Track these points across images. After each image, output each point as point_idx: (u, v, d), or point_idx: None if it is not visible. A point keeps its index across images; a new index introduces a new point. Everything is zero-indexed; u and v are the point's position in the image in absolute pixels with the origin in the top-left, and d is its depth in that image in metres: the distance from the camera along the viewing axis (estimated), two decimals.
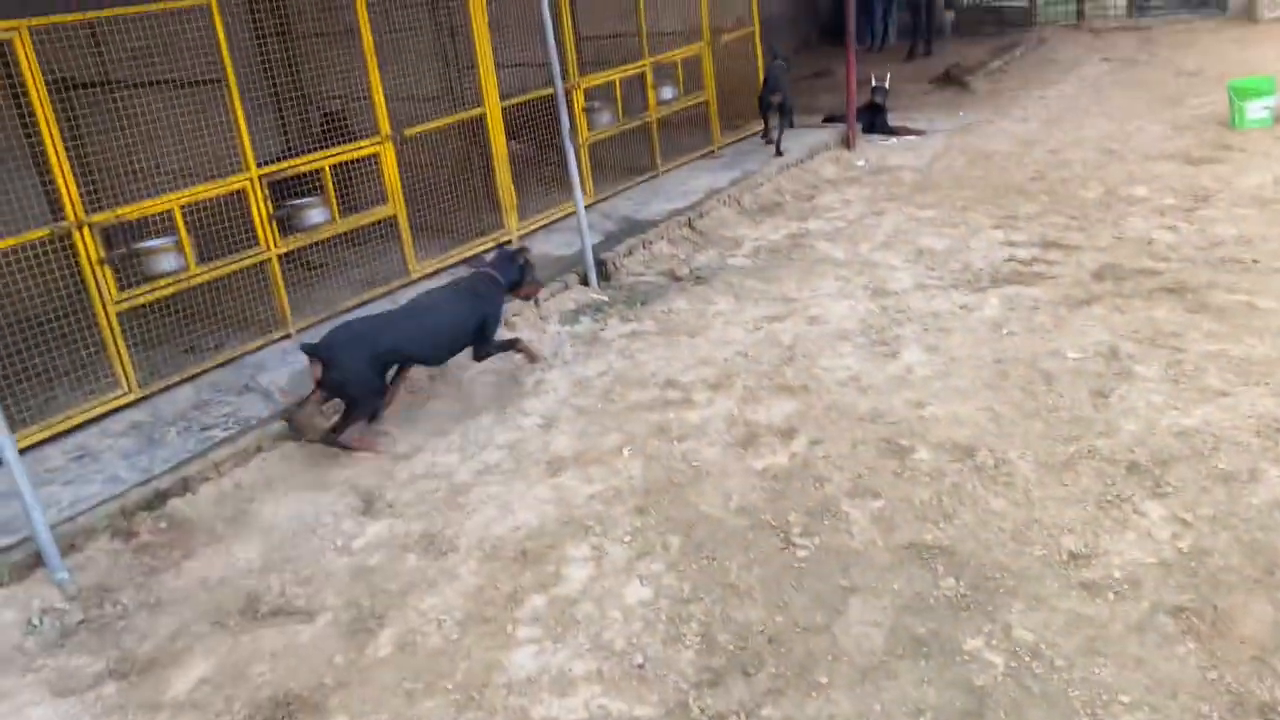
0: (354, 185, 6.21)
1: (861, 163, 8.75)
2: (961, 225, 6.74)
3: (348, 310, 6.04)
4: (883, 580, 3.36)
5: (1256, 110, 7.98)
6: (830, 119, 9.85)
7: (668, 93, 8.77)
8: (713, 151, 9.20)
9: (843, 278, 6.14)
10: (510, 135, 7.12)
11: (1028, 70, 11.86)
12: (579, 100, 7.68)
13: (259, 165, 5.59)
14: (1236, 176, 6.92)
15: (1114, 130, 8.64)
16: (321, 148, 6.02)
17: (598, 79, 8.02)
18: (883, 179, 8.17)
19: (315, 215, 6.09)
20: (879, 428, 4.33)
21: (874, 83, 9.66)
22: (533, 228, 7.38)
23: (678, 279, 6.55)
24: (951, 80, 11.18)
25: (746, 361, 5.16)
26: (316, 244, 6.09)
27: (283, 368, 5.44)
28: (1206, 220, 6.20)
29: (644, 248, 7.03)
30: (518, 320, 5.87)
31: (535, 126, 7.29)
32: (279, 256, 5.75)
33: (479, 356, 5.10)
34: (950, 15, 15.16)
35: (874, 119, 9.59)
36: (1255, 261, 5.50)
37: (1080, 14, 14.35)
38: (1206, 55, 11.19)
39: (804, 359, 5.10)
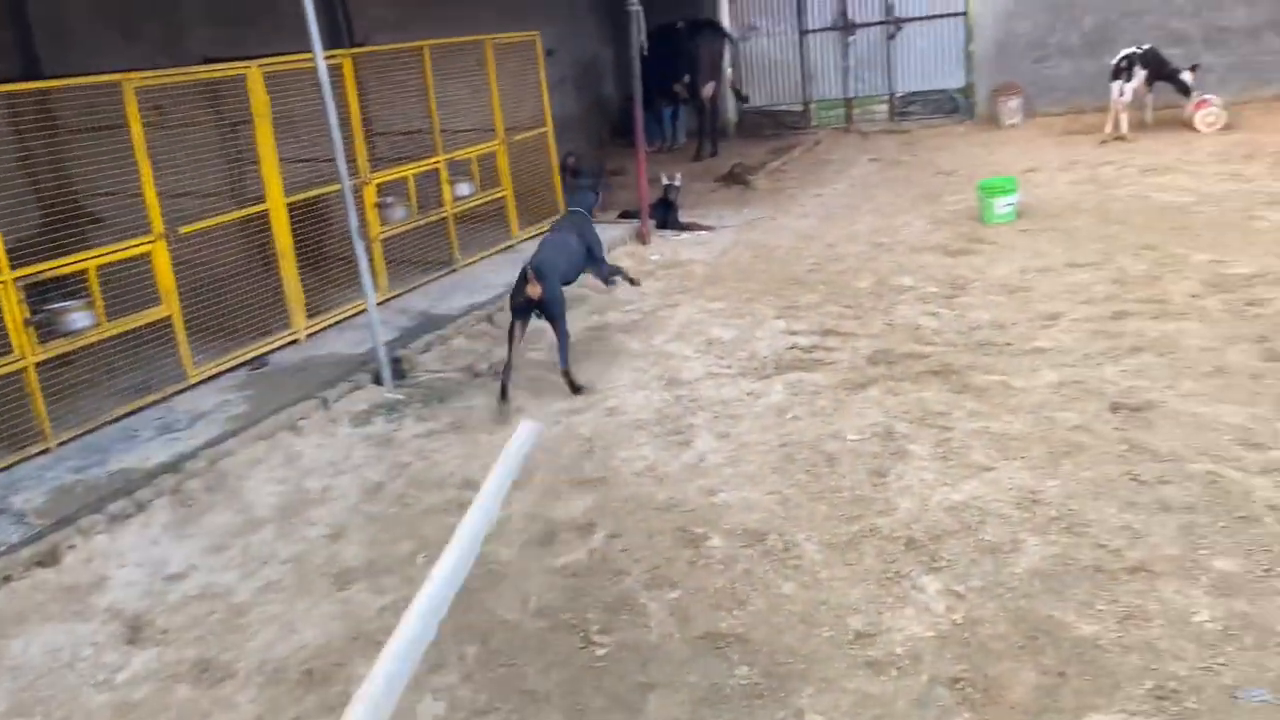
0: (124, 286, 5.85)
1: (656, 257, 9.04)
2: (748, 316, 7.04)
3: (115, 420, 5.61)
4: (680, 673, 3.35)
5: (1002, 207, 8.82)
6: (625, 215, 10.15)
7: (464, 189, 8.82)
8: (511, 245, 9.28)
9: (638, 369, 6.26)
10: (298, 231, 6.93)
11: (805, 170, 12.69)
12: (370, 196, 7.58)
13: (12, 266, 5.17)
14: (988, 267, 7.58)
15: (882, 225, 9.32)
16: (86, 247, 5.65)
17: (390, 175, 7.97)
18: (675, 272, 8.46)
19: (79, 319, 5.68)
20: (675, 517, 4.38)
21: (665, 180, 10.06)
22: (322, 326, 7.16)
23: (477, 375, 6.48)
24: (736, 179, 11.80)
25: (546, 456, 5.13)
26: (82, 350, 5.67)
27: (39, 486, 4.97)
28: (965, 307, 6.74)
29: (441, 344, 6.94)
30: (304, 424, 5.63)
31: (324, 222, 7.13)
32: (36, 364, 5.30)
33: (601, 277, 6.72)
34: (733, 118, 16.09)
35: (666, 215, 9.96)
36: (1008, 344, 6.00)
37: (849, 118, 15.57)
38: (959, 156, 12.33)
39: (602, 451, 5.13)
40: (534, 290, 5.80)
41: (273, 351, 6.74)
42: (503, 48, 9.20)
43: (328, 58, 6.10)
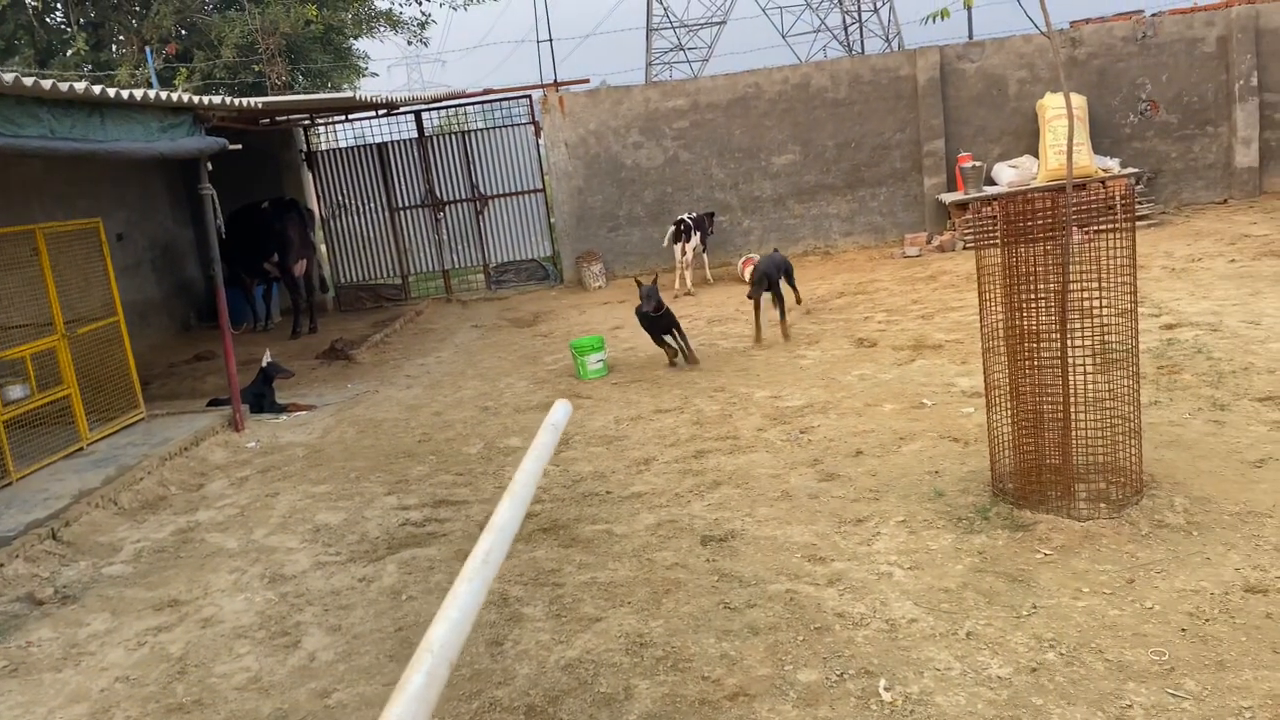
0: None
1: (252, 444, 8.54)
2: (356, 496, 6.84)
3: None
4: None
5: (594, 363, 9.47)
6: (215, 402, 9.54)
7: (17, 391, 7.84)
8: (82, 448, 8.31)
9: (237, 569, 5.80)
10: None
11: (408, 340, 12.80)
12: None
13: None
14: (587, 420, 8.04)
15: (488, 389, 9.60)
16: None
17: None
18: (275, 458, 8.04)
19: None
20: None
21: (264, 362, 9.65)
22: None
23: (39, 603, 5.63)
24: (337, 355, 11.61)
25: (128, 687, 4.54)
26: None
27: None
28: (568, 460, 7.06)
29: None
30: None
31: None
32: None
33: None
34: (330, 293, 15.93)
35: (262, 398, 9.50)
36: (609, 493, 6.35)
37: (449, 288, 16.04)
38: (554, 319, 13.12)
39: (197, 669, 4.64)
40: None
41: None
42: (60, 236, 8.45)
43: None
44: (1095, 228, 5.35)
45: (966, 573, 4.70)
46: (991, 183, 14.69)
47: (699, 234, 13.62)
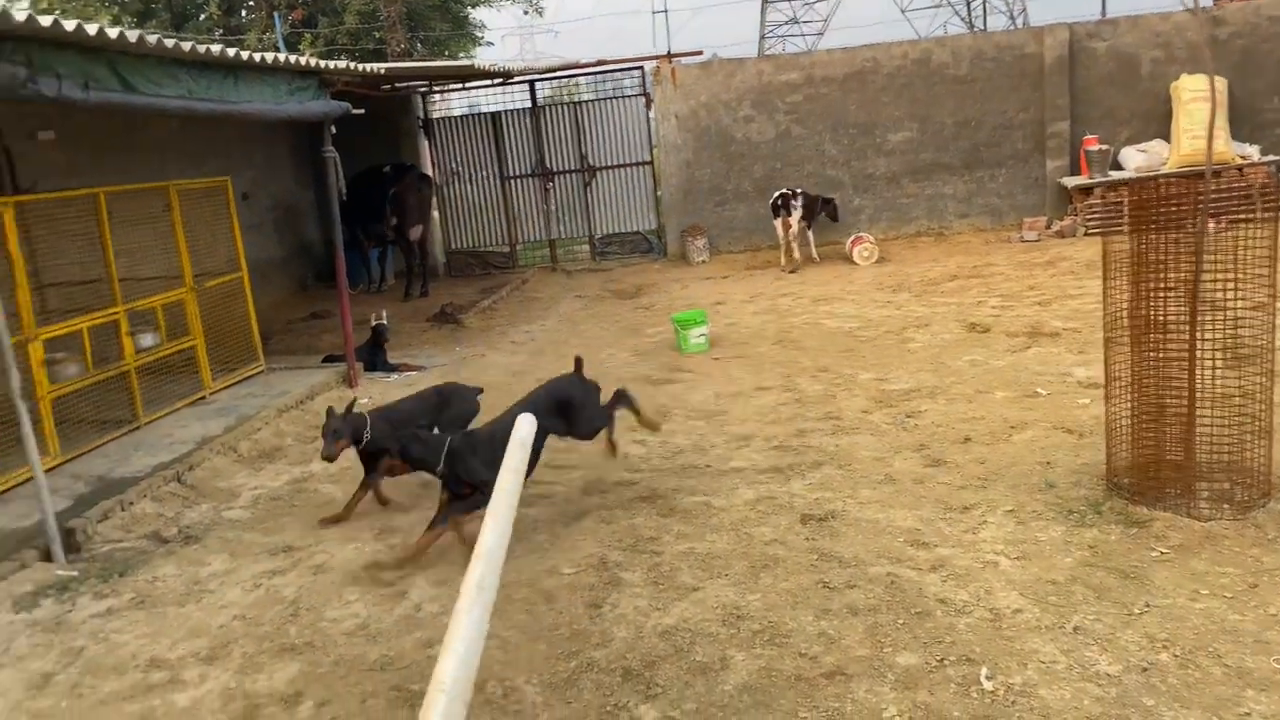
0: None
1: (365, 400, 8.81)
2: None
3: None
4: None
5: (695, 337, 9.47)
6: (330, 359, 9.88)
7: (148, 339, 8.25)
8: (204, 397, 8.72)
9: (346, 520, 6.01)
10: None
11: (514, 307, 13.01)
12: (36, 353, 6.91)
13: None
14: (687, 394, 8.06)
15: (589, 358, 9.65)
16: None
17: (60, 329, 7.32)
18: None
19: None
20: (389, 676, 4.19)
21: (374, 321, 9.94)
22: None
23: (165, 541, 5.95)
24: (447, 318, 11.87)
25: (245, 625, 4.77)
26: None
27: None
28: (667, 433, 7.09)
29: (123, 509, 6.32)
30: None
31: None
32: None
33: None
34: (442, 258, 16.29)
35: (375, 357, 9.79)
36: (708, 466, 6.37)
37: (554, 258, 16.22)
38: (656, 292, 13.15)
39: (309, 613, 4.84)
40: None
41: None
42: (191, 193, 8.84)
43: None
44: (1232, 217, 5.09)
45: (1076, 566, 4.56)
46: (1118, 167, 14.09)
47: (802, 208, 13.43)
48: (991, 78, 14.57)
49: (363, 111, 9.25)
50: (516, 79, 15.37)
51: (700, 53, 15.59)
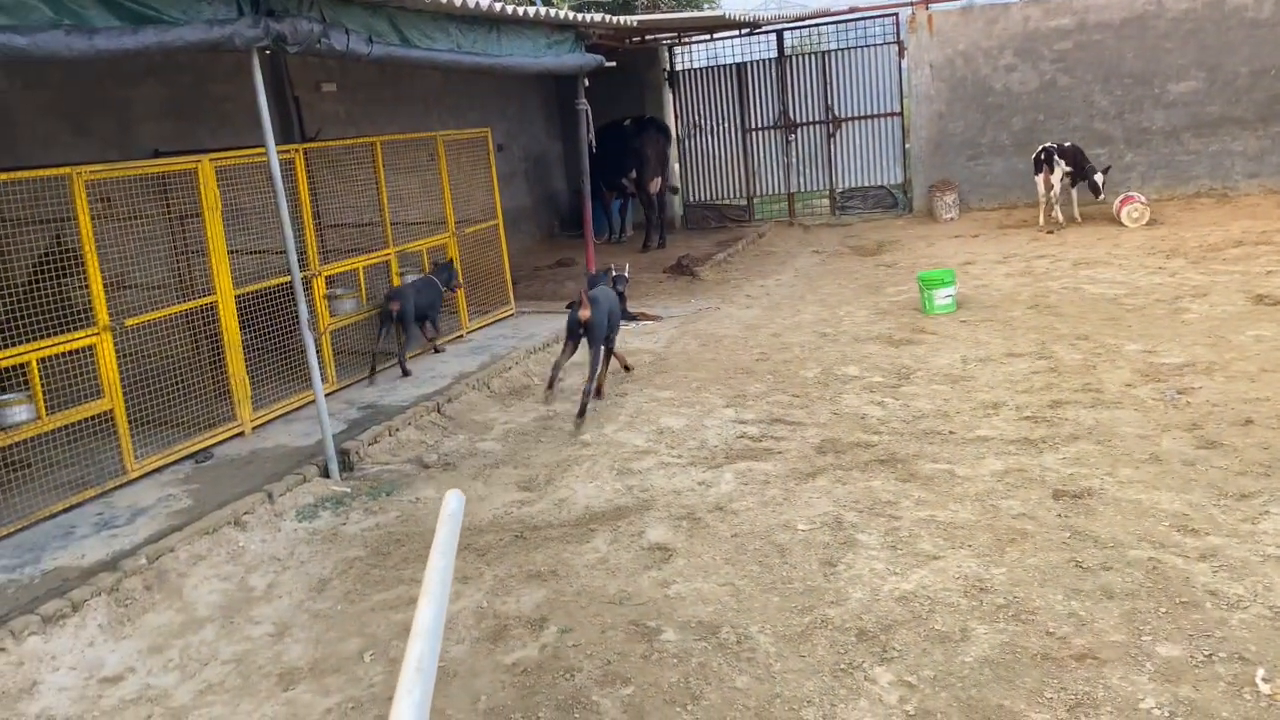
0: (66, 379, 5.75)
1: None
2: (697, 405, 7.11)
3: (52, 516, 5.47)
4: None
5: (942, 298, 9.09)
6: (573, 305, 10.23)
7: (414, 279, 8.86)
8: (461, 336, 9.30)
9: (589, 457, 6.26)
10: (246, 323, 6.90)
11: (749, 262, 12.97)
12: (319, 288, 7.59)
13: None
14: (931, 356, 7.77)
15: (827, 315, 9.53)
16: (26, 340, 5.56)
17: (340, 267, 8.00)
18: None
19: (18, 413, 5.57)
20: (627, 610, 4.35)
21: (614, 271, 10.20)
22: (269, 418, 7.08)
23: (426, 466, 6.43)
24: (683, 270, 12.01)
25: (495, 552, 5.08)
26: (20, 444, 5.53)
27: None
28: (909, 396, 6.88)
29: (390, 435, 6.88)
30: (248, 518, 5.51)
31: (274, 313, 7.11)
32: None
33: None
34: (679, 211, 16.46)
35: None
36: (952, 433, 6.13)
37: (792, 212, 16.01)
38: (899, 249, 12.72)
39: (552, 544, 5.10)
40: (584, 314, 7.15)
41: (218, 444, 6.64)
42: (454, 143, 9.37)
43: (280, 152, 6.17)
44: None
45: None
46: None
47: (1063, 164, 12.49)
48: None
49: (614, 64, 9.44)
50: (764, 29, 15.16)
51: None
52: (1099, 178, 12.47)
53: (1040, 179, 12.68)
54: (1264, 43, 13.11)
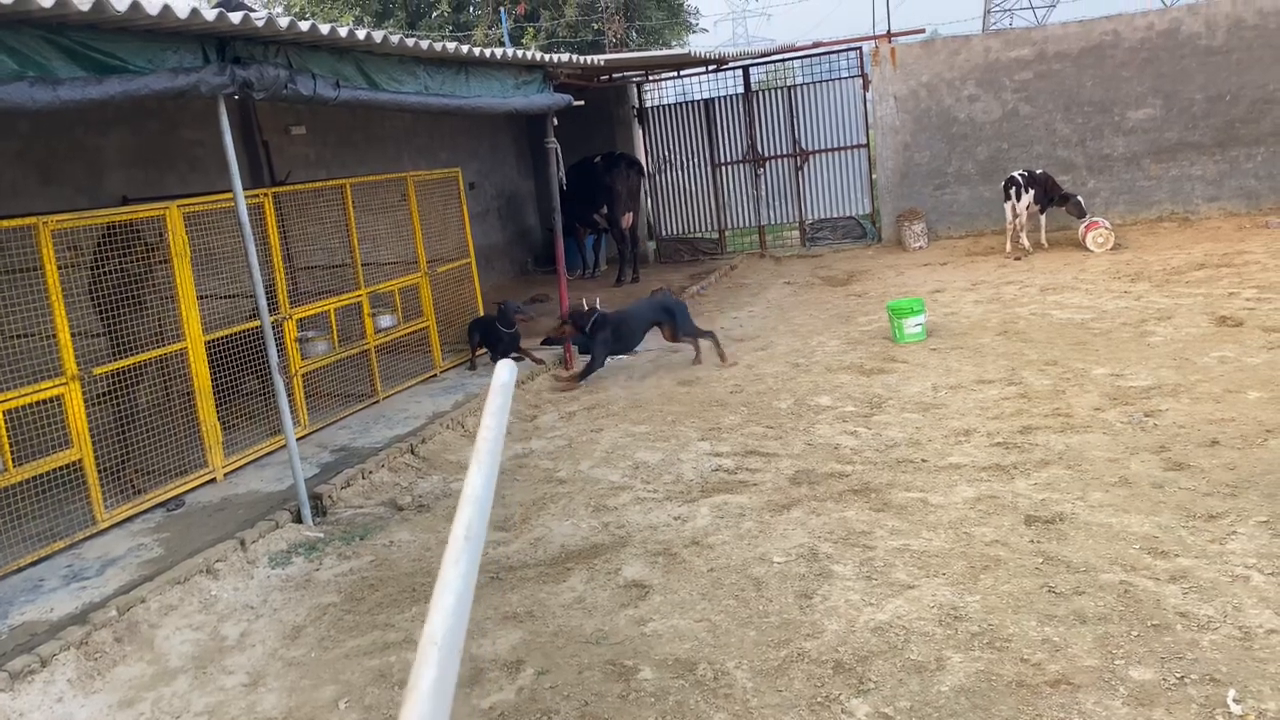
0: (31, 430, 5.69)
1: (581, 382, 9.12)
2: (672, 439, 7.13)
3: (19, 569, 5.39)
4: None
5: (912, 327, 9.17)
6: (548, 341, 10.25)
7: (386, 320, 8.86)
8: (435, 375, 9.29)
9: (565, 495, 6.25)
10: (217, 367, 6.87)
11: (723, 293, 13.06)
12: (291, 330, 7.57)
13: None
14: (902, 385, 7.84)
15: (799, 345, 9.60)
16: None
17: (311, 309, 7.98)
18: (600, 396, 8.54)
19: None
20: (604, 650, 4.33)
21: (586, 307, 10.24)
22: (241, 463, 7.03)
23: (399, 509, 6.40)
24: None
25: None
26: None
27: None
28: (881, 425, 6.93)
29: (363, 477, 6.84)
30: (220, 566, 5.46)
31: (246, 357, 7.08)
32: None
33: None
34: (652, 244, 16.56)
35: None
36: (924, 461, 6.17)
37: (763, 244, 16.15)
38: (869, 279, 12.84)
39: (528, 585, 5.07)
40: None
41: (189, 491, 6.58)
42: (425, 183, 9.41)
43: (249, 196, 6.17)
44: None
45: None
46: None
47: (1032, 192, 12.72)
48: (1252, 47, 13.26)
49: (583, 103, 9.53)
50: (731, 64, 15.37)
51: (922, 30, 15.05)
52: (1080, 199, 12.72)
53: (1009, 206, 12.88)
54: (1218, 69, 13.43)
